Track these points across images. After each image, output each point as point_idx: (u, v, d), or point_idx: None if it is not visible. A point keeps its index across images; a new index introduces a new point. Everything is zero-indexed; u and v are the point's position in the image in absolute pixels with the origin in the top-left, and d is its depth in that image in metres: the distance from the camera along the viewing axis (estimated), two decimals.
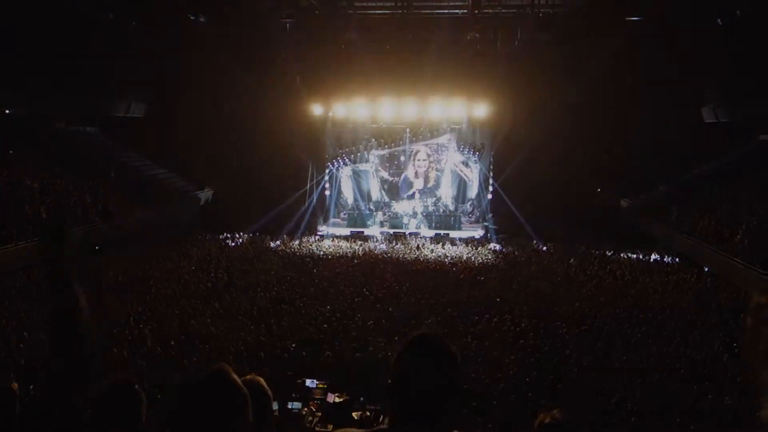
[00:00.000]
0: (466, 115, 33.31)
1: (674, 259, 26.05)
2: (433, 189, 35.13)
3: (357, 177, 35.78)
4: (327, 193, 34.92)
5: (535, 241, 29.38)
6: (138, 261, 23.76)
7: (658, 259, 26.25)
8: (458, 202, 35.15)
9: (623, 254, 26.63)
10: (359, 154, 35.19)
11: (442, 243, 29.33)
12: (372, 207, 34.63)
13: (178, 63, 35.51)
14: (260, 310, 17.73)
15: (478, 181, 34.79)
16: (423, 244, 29.00)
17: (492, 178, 34.09)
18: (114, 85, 36.26)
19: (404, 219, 33.06)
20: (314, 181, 34.78)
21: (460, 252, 27.50)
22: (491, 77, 32.38)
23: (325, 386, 12.89)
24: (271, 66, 35.67)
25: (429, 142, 35.15)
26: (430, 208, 34.04)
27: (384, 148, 35.36)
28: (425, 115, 33.25)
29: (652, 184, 34.90)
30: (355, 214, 33.93)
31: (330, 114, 34.08)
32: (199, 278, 21.34)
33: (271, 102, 34.92)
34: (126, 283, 20.55)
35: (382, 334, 15.99)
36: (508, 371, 13.57)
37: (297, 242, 29.05)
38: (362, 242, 29.50)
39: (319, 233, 31.66)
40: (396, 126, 34.47)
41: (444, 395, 1.80)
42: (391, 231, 31.83)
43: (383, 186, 35.57)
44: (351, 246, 28.51)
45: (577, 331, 16.29)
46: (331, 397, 12.62)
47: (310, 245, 28.65)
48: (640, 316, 17.59)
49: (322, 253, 27.00)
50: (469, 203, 35.43)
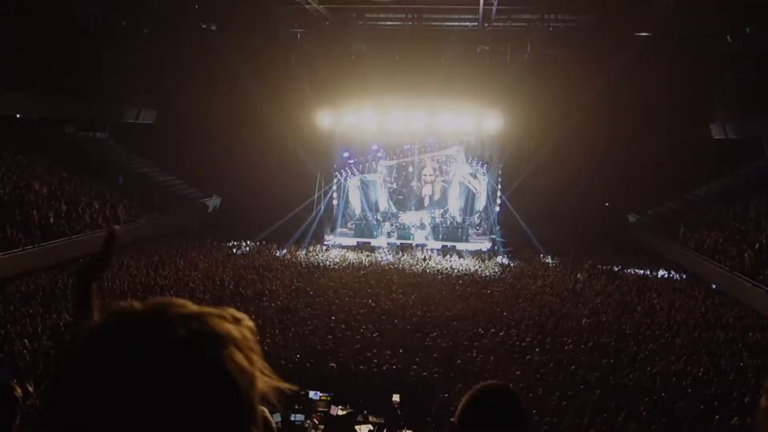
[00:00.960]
0: (474, 127, 33.33)
1: (681, 275, 25.90)
2: (441, 202, 35.15)
3: (365, 187, 35.84)
4: (335, 202, 34.97)
5: (542, 254, 29.31)
6: (144, 268, 23.78)
7: (666, 275, 26.10)
8: (466, 213, 35.15)
9: (630, 270, 26.51)
10: (367, 164, 35.25)
11: (449, 255, 29.29)
12: (379, 217, 34.66)
13: (188, 71, 35.72)
14: (265, 320, 17.70)
15: (486, 193, 34.78)
16: (430, 255, 28.97)
17: (500, 190, 34.10)
18: (124, 91, 36.50)
19: (411, 230, 33.05)
20: (322, 190, 34.85)
21: (467, 264, 27.43)
22: (500, 90, 32.41)
23: (328, 398, 12.84)
24: (281, 75, 35.82)
25: (437, 153, 35.22)
26: (438, 220, 34.02)
27: (392, 159, 35.41)
28: (434, 127, 33.29)
29: (660, 200, 34.78)
30: (363, 225, 33.95)
31: (339, 124, 34.17)
32: (205, 286, 21.35)
33: (281, 111, 35.03)
34: (131, 290, 20.55)
35: (388, 346, 15.95)
36: (514, 387, 13.46)
37: (304, 252, 29.04)
38: (369, 253, 29.49)
39: (326, 243, 31.67)
40: (405, 137, 34.52)
41: None
42: (398, 242, 31.82)
43: (391, 197, 35.61)
44: (358, 256, 28.50)
45: (584, 347, 16.20)
46: (334, 410, 12.57)
47: (317, 255, 28.64)
48: (647, 332, 17.50)
49: (328, 263, 26.99)
50: (477, 215, 35.43)
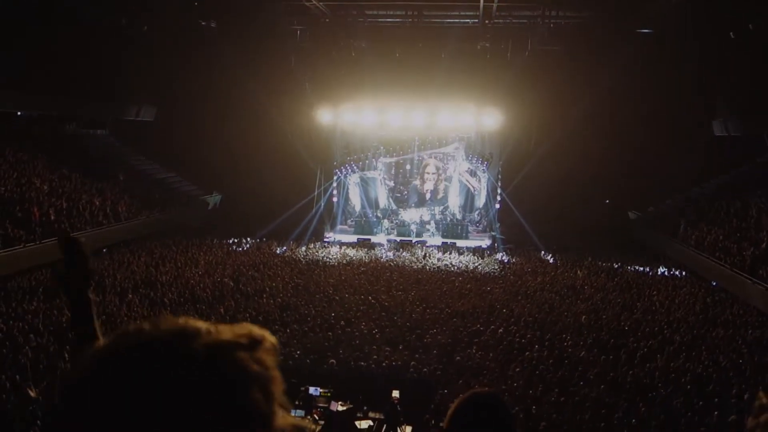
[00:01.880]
0: (475, 124, 33.34)
1: (682, 273, 25.92)
2: (442, 200, 35.18)
3: (365, 184, 35.87)
4: (334, 200, 35.00)
5: (542, 251, 29.35)
6: (145, 264, 23.83)
7: (666, 272, 26.13)
8: (466, 211, 35.18)
9: (630, 267, 26.55)
10: (367, 161, 35.27)
11: (449, 252, 29.31)
12: (379, 214, 34.68)
13: (188, 68, 35.70)
14: (266, 317, 17.74)
15: (486, 190, 34.81)
16: (430, 252, 28.98)
17: (500, 187, 34.11)
18: (125, 88, 36.51)
19: (411, 227, 33.07)
20: (322, 187, 34.88)
21: (467, 261, 27.46)
22: (501, 87, 32.44)
23: (329, 394, 12.90)
24: (281, 73, 35.82)
25: (437, 151, 35.24)
26: (438, 217, 34.04)
27: (392, 156, 35.44)
28: (434, 124, 33.29)
29: (661, 197, 34.77)
30: (362, 222, 33.99)
31: (339, 121, 34.18)
32: (205, 283, 21.38)
33: (281, 108, 35.05)
34: (132, 287, 20.59)
35: (387, 342, 15.99)
36: (513, 383, 13.51)
37: (304, 248, 29.09)
38: (369, 250, 29.54)
39: (326, 240, 31.72)
40: (404, 134, 34.53)
41: None
42: (398, 239, 31.85)
43: (391, 194, 35.63)
44: (357, 253, 28.53)
45: (583, 343, 16.22)
46: (334, 405, 12.62)
47: (317, 252, 28.68)
48: (646, 329, 17.52)
49: (328, 260, 27.03)
50: (477, 212, 35.44)
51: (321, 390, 12.90)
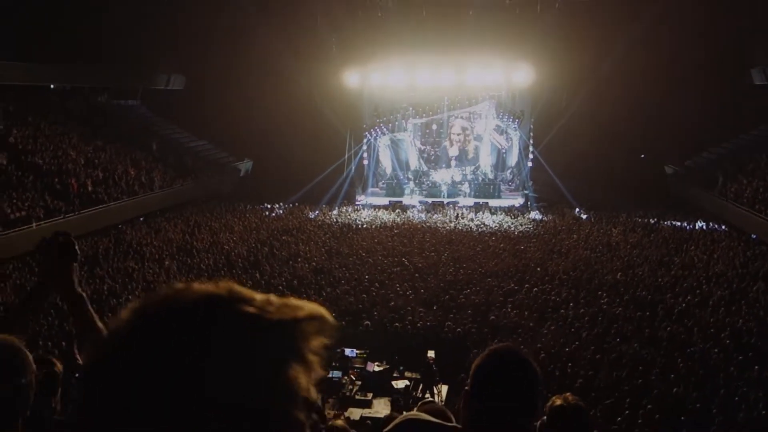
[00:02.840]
0: (505, 81, 32.77)
1: (720, 226, 25.40)
2: (473, 160, 34.84)
3: (395, 146, 35.67)
4: (365, 162, 34.92)
5: (576, 209, 29.00)
6: (181, 232, 24.22)
7: (704, 227, 25.62)
8: (498, 170, 34.80)
9: (667, 222, 26.09)
10: (397, 123, 35.01)
11: (481, 212, 29.16)
12: (410, 176, 34.54)
13: (215, 36, 35.62)
14: (300, 280, 17.95)
15: (518, 148, 34.38)
16: (462, 213, 28.86)
17: (532, 145, 33.64)
18: (154, 59, 36.67)
19: (443, 188, 32.91)
20: (352, 151, 34.80)
21: (500, 221, 27.30)
22: (531, 42, 31.68)
23: (365, 355, 13.06)
24: (308, 35, 35.51)
25: (467, 110, 34.75)
26: (470, 177, 33.77)
27: (422, 117, 35.10)
28: (463, 83, 32.80)
29: (698, 150, 33.95)
30: (394, 184, 33.93)
31: (366, 83, 33.90)
32: (240, 249, 21.67)
33: (308, 72, 34.87)
34: (169, 254, 20.98)
35: (421, 303, 16.08)
36: (548, 341, 13.51)
37: (336, 212, 29.22)
38: (401, 212, 29.53)
39: (357, 203, 31.78)
40: (433, 94, 34.12)
41: (519, 412, 1.80)
42: (430, 200, 31.74)
43: (421, 155, 35.41)
44: (389, 216, 28.56)
45: (619, 300, 16.09)
46: (370, 366, 12.78)
47: (349, 215, 28.78)
48: (684, 285, 17.27)
49: (360, 223, 27.12)
50: (509, 171, 35.06)
51: (357, 351, 13.07)
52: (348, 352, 12.97)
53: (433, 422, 1.99)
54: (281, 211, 29.62)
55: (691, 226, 25.68)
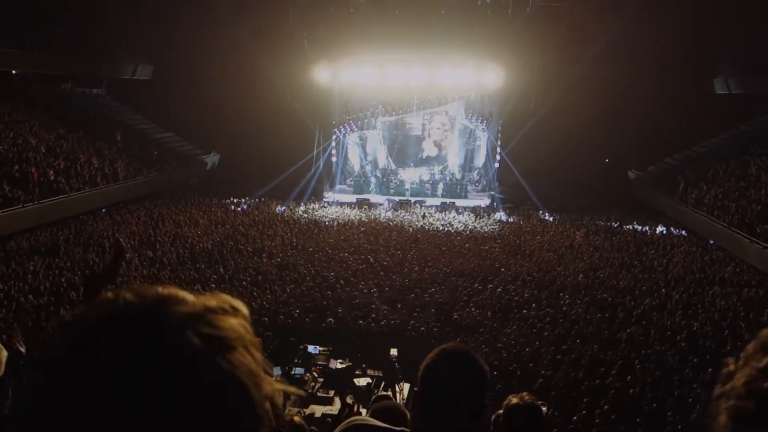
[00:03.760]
0: (475, 82, 32.97)
1: (680, 231, 25.99)
2: (441, 159, 35.03)
3: (364, 143, 35.64)
4: (333, 159, 34.84)
5: (540, 211, 29.36)
6: (144, 225, 23.86)
7: (664, 231, 26.19)
8: (465, 170, 35.05)
9: (629, 226, 26.59)
10: (366, 120, 34.97)
11: (448, 211, 29.32)
12: (378, 174, 34.54)
13: (184, 27, 35.10)
14: (265, 276, 17.84)
15: (485, 149, 34.65)
16: (429, 212, 28.99)
17: (499, 147, 33.94)
18: (121, 47, 36.00)
19: (410, 186, 33.01)
20: (321, 147, 34.66)
21: (466, 221, 27.48)
22: (501, 44, 31.93)
23: (328, 352, 13.04)
24: (279, 30, 35.22)
25: (436, 109, 34.92)
26: (437, 176, 33.94)
27: (391, 115, 35.13)
28: (434, 83, 32.92)
29: (660, 156, 34.63)
30: (361, 181, 33.89)
31: (337, 80, 33.78)
32: (204, 243, 21.44)
33: (279, 66, 34.59)
34: (132, 246, 20.65)
35: (386, 301, 16.11)
36: (510, 341, 13.66)
37: (303, 208, 29.08)
38: (368, 209, 29.53)
39: (325, 199, 31.67)
40: (404, 93, 34.17)
41: (468, 410, 1.81)
42: (397, 198, 31.80)
43: (390, 153, 35.45)
44: (357, 213, 28.53)
45: (580, 302, 16.35)
46: (333, 363, 12.76)
47: (316, 211, 28.68)
48: (644, 288, 17.63)
49: (327, 219, 27.03)
50: (476, 172, 35.34)
51: (320, 348, 13.05)
52: (311, 348, 12.94)
53: (380, 426, 1.99)
54: (247, 205, 29.36)
55: (652, 230, 26.25)
